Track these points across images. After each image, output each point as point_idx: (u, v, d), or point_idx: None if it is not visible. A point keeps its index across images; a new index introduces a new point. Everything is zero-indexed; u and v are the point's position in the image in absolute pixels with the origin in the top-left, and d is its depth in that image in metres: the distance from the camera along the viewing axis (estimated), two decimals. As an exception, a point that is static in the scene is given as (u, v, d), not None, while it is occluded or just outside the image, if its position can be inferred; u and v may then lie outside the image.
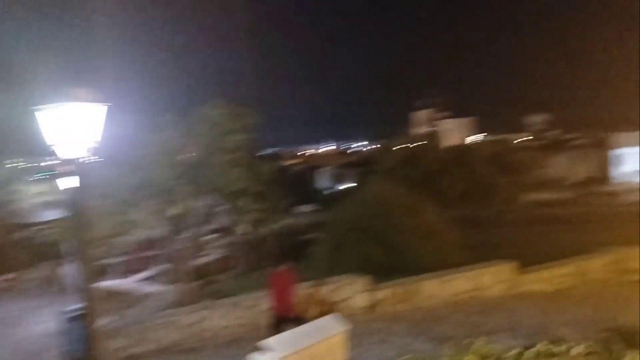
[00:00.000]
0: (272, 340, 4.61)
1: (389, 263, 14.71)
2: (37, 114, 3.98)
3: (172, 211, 9.63)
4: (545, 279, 13.32)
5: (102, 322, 11.45)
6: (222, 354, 9.50)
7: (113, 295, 13.50)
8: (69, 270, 17.69)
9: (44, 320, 13.91)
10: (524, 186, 20.61)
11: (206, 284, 14.10)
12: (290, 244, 23.24)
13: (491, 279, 12.72)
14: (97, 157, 4.22)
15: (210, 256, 17.73)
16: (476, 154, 19.88)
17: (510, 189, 19.32)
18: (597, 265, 13.92)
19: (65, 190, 4.49)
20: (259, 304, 10.61)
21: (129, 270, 18.39)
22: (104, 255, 10.99)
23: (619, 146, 39.58)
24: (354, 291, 11.41)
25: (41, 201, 18.62)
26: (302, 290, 10.82)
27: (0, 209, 16.79)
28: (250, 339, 10.00)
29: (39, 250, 21.40)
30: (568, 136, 47.24)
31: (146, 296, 12.72)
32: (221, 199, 10.17)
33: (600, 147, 40.82)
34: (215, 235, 11.49)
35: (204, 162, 9.41)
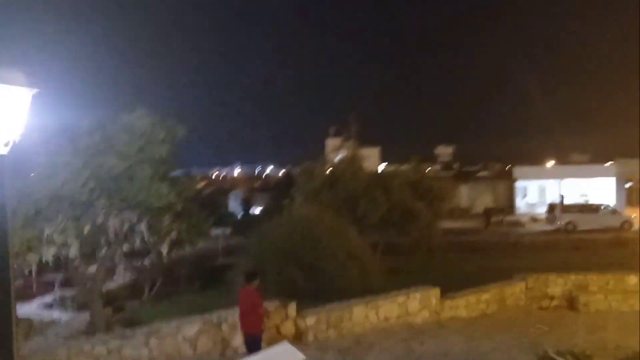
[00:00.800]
0: None
1: (313, 288, 14.25)
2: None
3: (86, 228, 8.63)
4: (468, 304, 13.47)
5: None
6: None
7: (19, 319, 12.03)
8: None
9: None
10: (438, 214, 21.05)
11: (116, 310, 12.97)
12: (204, 268, 22.29)
13: (418, 305, 12.66)
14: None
15: (120, 279, 16.51)
16: (395, 181, 20.06)
17: (426, 216, 19.63)
18: (514, 291, 14.30)
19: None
20: (178, 333, 9.80)
21: (28, 294, 16.68)
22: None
23: (523, 178, 42.12)
24: (280, 318, 10.86)
25: None
26: (224, 319, 10.16)
27: None
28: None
29: None
30: (474, 167, 49.76)
31: (51, 323, 11.41)
32: (140, 216, 9.29)
33: (505, 179, 43.19)
34: (128, 256, 10.55)
35: (125, 175, 8.57)
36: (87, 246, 9.08)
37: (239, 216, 43.37)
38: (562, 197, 36.17)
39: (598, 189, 39.65)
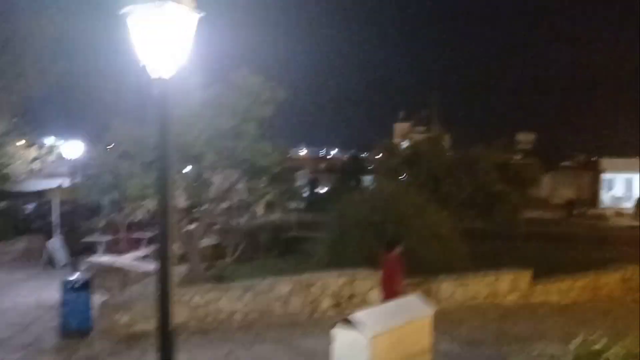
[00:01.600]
0: (362, 316, 4.04)
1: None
2: (128, 18, 3.32)
3: (194, 181, 8.90)
4: (560, 290, 12.96)
5: (106, 296, 10.77)
6: (235, 339, 8.85)
7: (111, 271, 12.70)
8: (56, 243, 16.78)
9: (31, 293, 13.06)
10: (524, 199, 20.25)
11: (206, 267, 13.40)
12: (281, 238, 22.66)
13: (507, 287, 12.32)
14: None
15: (207, 240, 17.14)
16: (480, 162, 19.44)
17: (513, 201, 18.93)
18: (610, 281, 13.61)
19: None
20: (270, 291, 10.02)
21: (120, 248, 17.59)
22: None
23: (610, 170, 39.95)
24: (369, 286, 10.86)
25: (38, 167, 17.58)
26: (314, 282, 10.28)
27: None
28: (263, 327, 9.48)
29: (24, 222, 20.36)
30: (556, 157, 47.57)
31: (147, 274, 11.94)
32: (240, 175, 9.49)
33: (590, 170, 41.14)
34: (224, 214, 10.85)
35: (232, 132, 8.75)
36: (191, 200, 9.37)
37: (305, 195, 43.87)
38: None
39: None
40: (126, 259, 14.03)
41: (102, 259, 14.10)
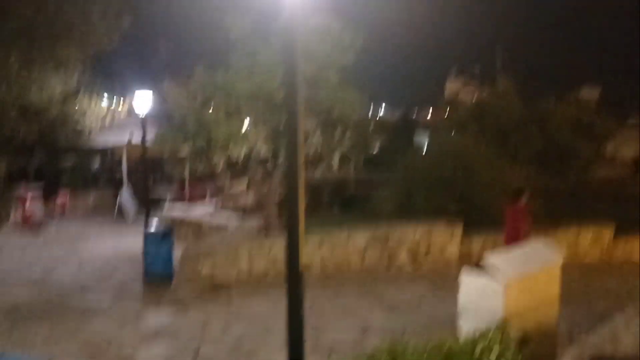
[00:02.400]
0: (494, 261, 3.81)
1: (465, 217, 13.67)
2: None
3: (273, 131, 8.74)
4: (642, 248, 12.34)
5: (183, 247, 10.94)
6: (316, 291, 8.81)
7: (183, 224, 12.89)
8: (126, 196, 17.19)
9: (107, 243, 13.44)
10: (599, 154, 19.36)
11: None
12: (341, 195, 22.59)
13: (589, 242, 11.83)
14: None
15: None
16: (552, 116, 18.59)
17: (586, 158, 18.11)
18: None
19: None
20: (347, 243, 9.91)
21: (184, 201, 17.89)
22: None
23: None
24: (447, 239, 10.61)
25: (108, 122, 17.91)
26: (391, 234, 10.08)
27: (56, 127, 16.03)
28: (342, 279, 9.41)
29: (94, 176, 20.95)
30: (623, 114, 45.23)
31: (219, 227, 12.06)
32: (317, 125, 9.27)
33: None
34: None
35: (313, 79, 8.49)
36: (270, 151, 9.23)
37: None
38: None
39: None
40: (197, 212, 14.19)
41: (174, 212, 14.30)
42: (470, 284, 3.86)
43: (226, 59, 8.90)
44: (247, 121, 8.89)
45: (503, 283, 3.71)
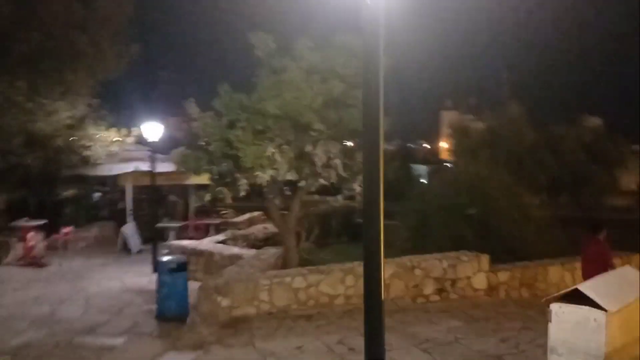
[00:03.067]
0: (590, 290, 3.35)
1: (484, 245, 13.22)
2: None
3: (296, 154, 8.30)
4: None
5: (203, 279, 10.40)
6: (343, 325, 8.28)
7: (193, 254, 12.36)
8: (129, 229, 16.65)
9: (114, 278, 12.89)
10: (614, 180, 19.05)
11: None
12: (351, 223, 22.10)
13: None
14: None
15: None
16: (565, 141, 18.35)
17: (602, 181, 17.79)
18: None
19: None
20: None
21: (188, 234, 17.40)
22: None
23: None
24: (473, 270, 10.12)
25: (115, 151, 17.42)
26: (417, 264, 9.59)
27: (65, 155, 15.53)
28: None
29: (95, 208, 20.42)
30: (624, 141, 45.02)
31: (232, 257, 11.54)
32: (343, 148, 8.87)
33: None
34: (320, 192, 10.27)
35: (342, 98, 8.12)
36: (293, 173, 8.78)
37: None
38: None
39: None
40: (206, 242, 13.69)
41: (183, 242, 13.79)
42: (564, 317, 3.38)
43: (251, 78, 8.56)
44: (273, 143, 8.44)
45: (605, 315, 3.24)
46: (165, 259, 9.47)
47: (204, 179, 10.88)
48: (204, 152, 8.93)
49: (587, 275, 8.48)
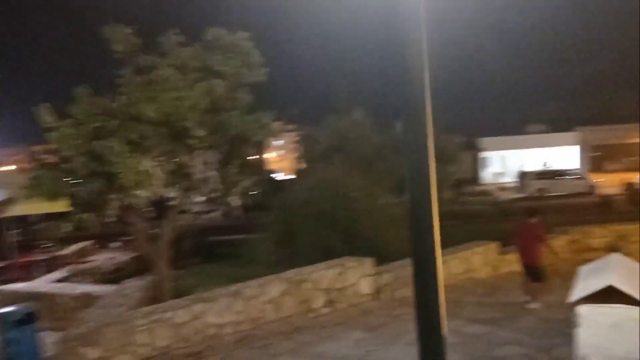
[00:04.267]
0: (620, 284, 2.98)
1: (352, 250, 13.21)
2: None
3: (170, 166, 7.10)
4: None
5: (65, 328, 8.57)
6: (241, 357, 7.38)
7: (31, 298, 10.29)
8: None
9: None
10: (450, 177, 20.45)
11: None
12: (206, 242, 20.74)
13: (480, 260, 11.98)
14: None
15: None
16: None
17: (440, 180, 18.97)
18: (560, 244, 13.87)
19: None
20: (261, 294, 8.61)
21: (9, 275, 14.74)
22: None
23: (487, 149, 42.69)
24: (359, 275, 9.84)
25: None
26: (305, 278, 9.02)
27: None
28: (262, 337, 8.06)
29: None
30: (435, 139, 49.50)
31: (86, 297, 9.83)
32: (223, 157, 7.89)
33: (469, 150, 43.49)
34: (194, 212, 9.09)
35: (223, 100, 7.13)
36: (163, 191, 7.57)
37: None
38: (544, 164, 36.14)
39: (560, 157, 40.69)
40: (43, 283, 11.61)
41: (16, 285, 11.53)
42: (597, 319, 2.99)
43: (112, 78, 7.18)
44: (150, 154, 7.16)
45: None
46: (4, 310, 7.61)
47: (31, 207, 9.07)
48: (63, 171, 7.29)
49: (527, 259, 9.39)
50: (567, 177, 35.35)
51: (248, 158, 8.79)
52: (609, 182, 33.56)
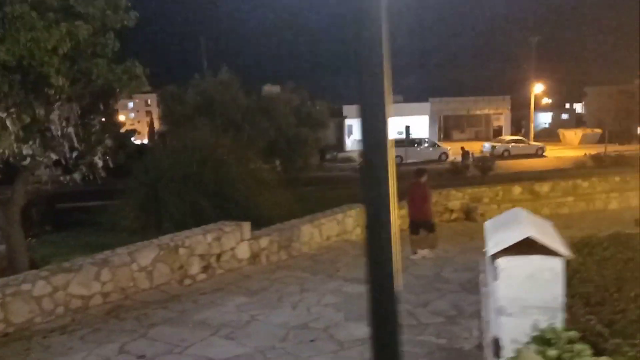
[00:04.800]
0: (536, 234, 2.99)
1: (223, 216, 12.92)
2: None
3: (23, 122, 6.04)
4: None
5: None
6: (114, 329, 6.78)
7: None
8: None
9: None
10: (320, 141, 20.79)
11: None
12: (58, 209, 18.84)
13: (353, 222, 12.29)
14: None
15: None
16: (278, 105, 19.14)
17: (313, 143, 19.19)
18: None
19: None
20: (132, 262, 7.99)
21: None
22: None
23: (350, 117, 44.10)
24: (237, 240, 9.54)
25: None
26: (180, 243, 8.53)
27: None
28: (135, 307, 7.51)
29: None
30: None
31: None
32: (83, 109, 6.94)
33: (334, 117, 44.63)
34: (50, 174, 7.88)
35: (89, 44, 6.16)
36: (26, 147, 6.54)
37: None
38: (407, 128, 37.68)
39: (414, 124, 43.27)
40: None
41: None
42: (514, 271, 2.95)
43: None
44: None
45: (562, 261, 2.96)
46: None
47: None
48: None
49: (419, 215, 10.15)
50: (421, 145, 37.80)
51: (110, 115, 7.93)
52: (456, 150, 36.54)
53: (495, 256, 2.96)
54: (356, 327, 6.36)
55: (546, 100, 57.63)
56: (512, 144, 38.88)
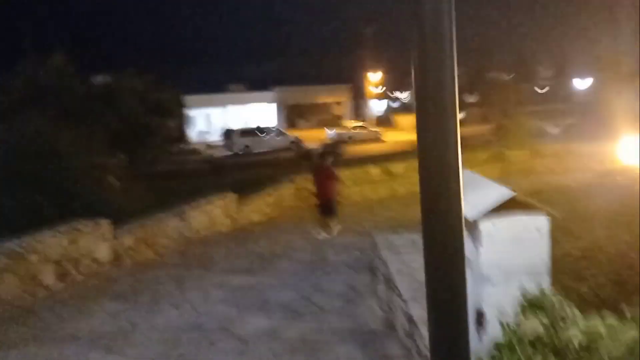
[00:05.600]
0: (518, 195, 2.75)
1: (65, 213, 11.50)
2: None
3: None
4: (257, 210, 13.11)
5: None
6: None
7: None
8: None
9: None
10: (171, 130, 19.55)
11: None
12: None
13: (221, 212, 11.66)
14: None
15: None
16: (121, 93, 17.56)
17: (163, 135, 17.96)
18: (289, 193, 14.55)
19: None
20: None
21: None
22: None
23: (192, 107, 42.34)
24: (96, 241, 8.43)
25: None
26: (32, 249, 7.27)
27: None
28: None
29: None
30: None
31: None
32: None
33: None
34: None
35: None
36: None
37: None
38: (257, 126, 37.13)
39: (258, 114, 43.09)
40: None
41: None
42: (499, 235, 2.66)
43: None
44: None
45: (548, 219, 2.73)
46: None
47: None
48: None
49: (326, 195, 10.50)
50: (269, 134, 37.59)
51: None
52: (304, 138, 37.00)
53: (475, 222, 2.70)
54: (256, 321, 5.89)
55: (381, 90, 61.15)
56: (355, 131, 40.48)
